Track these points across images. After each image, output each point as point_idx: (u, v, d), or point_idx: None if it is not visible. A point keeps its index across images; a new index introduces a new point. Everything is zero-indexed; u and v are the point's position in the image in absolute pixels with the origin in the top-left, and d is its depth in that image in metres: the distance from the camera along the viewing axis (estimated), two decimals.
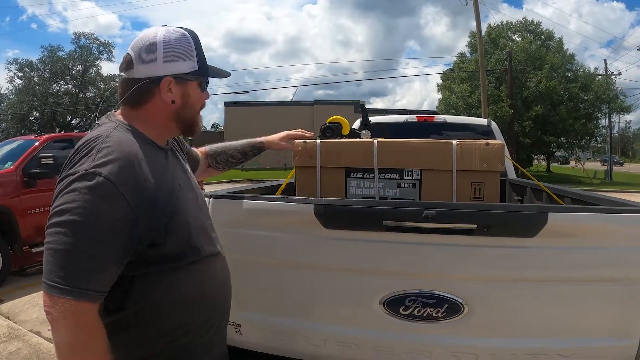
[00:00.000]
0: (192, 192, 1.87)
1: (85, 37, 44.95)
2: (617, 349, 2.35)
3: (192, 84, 1.82)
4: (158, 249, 1.62)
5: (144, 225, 1.55)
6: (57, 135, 10.45)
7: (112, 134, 1.65)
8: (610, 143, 46.10)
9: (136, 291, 1.63)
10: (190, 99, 1.82)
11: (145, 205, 1.56)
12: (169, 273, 1.67)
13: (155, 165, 1.67)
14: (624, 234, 2.30)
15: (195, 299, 1.76)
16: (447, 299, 2.34)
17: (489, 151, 3.16)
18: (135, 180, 1.55)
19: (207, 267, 1.82)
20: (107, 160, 1.53)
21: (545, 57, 35.55)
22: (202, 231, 1.83)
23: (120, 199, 1.49)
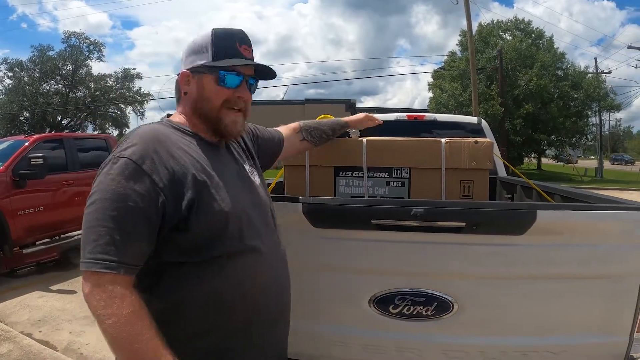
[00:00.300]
0: (244, 188, 1.87)
1: (75, 36, 44.61)
2: (607, 345, 2.36)
3: (206, 77, 1.84)
4: (188, 235, 1.62)
5: (170, 200, 1.59)
6: (47, 135, 10.41)
7: (144, 126, 1.81)
8: (601, 141, 46.27)
9: (165, 285, 1.65)
10: (205, 92, 1.84)
11: (169, 182, 1.59)
12: (201, 266, 1.66)
13: (188, 150, 1.73)
14: (612, 231, 2.31)
15: (232, 297, 1.72)
16: (437, 297, 2.35)
17: (477, 149, 3.16)
18: (159, 159, 1.61)
19: (249, 262, 1.76)
20: (129, 145, 1.63)
21: (535, 55, 35.62)
22: (247, 225, 1.78)
23: (142, 175, 1.56)
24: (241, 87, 1.87)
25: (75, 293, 6.86)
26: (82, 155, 9.38)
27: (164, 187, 1.58)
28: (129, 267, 1.51)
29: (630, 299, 2.30)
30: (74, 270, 7.96)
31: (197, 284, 1.66)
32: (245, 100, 1.90)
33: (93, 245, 1.48)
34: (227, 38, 1.86)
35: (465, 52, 35.01)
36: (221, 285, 1.70)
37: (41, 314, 6.14)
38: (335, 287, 2.47)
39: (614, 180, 34.76)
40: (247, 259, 1.76)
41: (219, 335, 1.72)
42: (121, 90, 46.51)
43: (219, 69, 1.83)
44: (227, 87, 1.84)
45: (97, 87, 45.28)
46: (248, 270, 1.76)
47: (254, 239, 1.79)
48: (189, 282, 1.65)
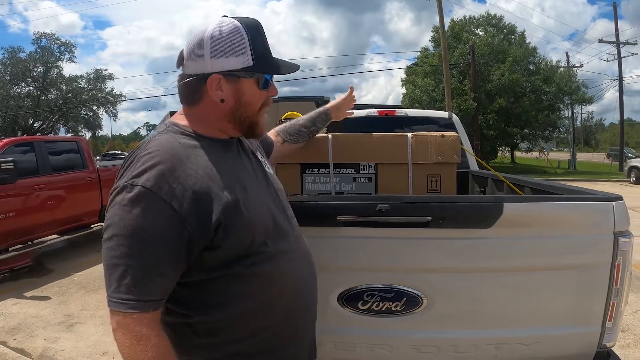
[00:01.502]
0: (261, 185, 1.79)
1: (46, 37, 44.16)
2: (579, 335, 2.38)
3: (246, 81, 1.68)
4: (217, 252, 1.56)
5: (194, 224, 1.49)
6: (17, 139, 10.27)
7: (155, 139, 1.62)
8: (573, 134, 46.82)
9: (201, 300, 1.61)
10: (245, 98, 1.70)
11: (192, 204, 1.49)
12: (235, 278, 1.61)
13: (206, 163, 1.59)
14: (580, 222, 2.33)
15: (270, 301, 1.69)
16: (406, 292, 2.35)
17: (444, 143, 3.17)
18: (176, 181, 1.49)
19: (279, 265, 1.70)
20: (144, 169, 1.49)
21: (507, 50, 35.88)
22: (272, 227, 1.71)
23: (161, 204, 1.46)
24: (272, 85, 1.77)
25: (50, 299, 6.76)
26: (54, 158, 9.26)
27: (187, 213, 1.48)
28: (155, 303, 1.48)
29: (601, 289, 2.31)
30: (48, 276, 7.91)
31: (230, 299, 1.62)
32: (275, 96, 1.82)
33: (116, 284, 1.43)
34: (259, 35, 1.70)
35: (438, 48, 35.10)
36: (254, 295, 1.65)
37: (15, 321, 6.04)
38: None
39: (587, 172, 35.27)
40: (279, 262, 1.70)
41: (262, 338, 1.70)
42: (93, 91, 46.09)
43: (263, 74, 1.70)
44: (265, 89, 1.74)
45: (69, 88, 44.80)
46: (280, 274, 1.71)
47: (282, 240, 1.74)
48: (219, 296, 1.61)
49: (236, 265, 1.60)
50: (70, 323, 5.91)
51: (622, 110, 39.49)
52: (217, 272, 1.59)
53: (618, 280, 2.29)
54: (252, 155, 1.88)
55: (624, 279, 2.31)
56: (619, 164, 36.86)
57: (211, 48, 1.62)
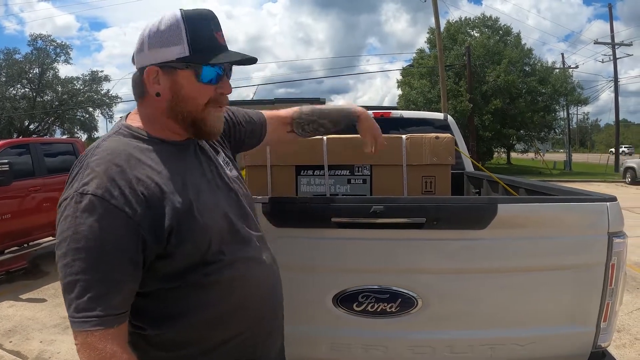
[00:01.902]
0: (219, 189, 1.69)
1: (42, 39, 44.01)
2: (574, 336, 2.38)
3: (183, 73, 1.56)
4: (170, 260, 1.49)
5: (147, 230, 1.42)
6: (13, 140, 10.25)
7: (103, 144, 1.54)
8: (569, 134, 46.93)
9: (156, 310, 1.55)
10: (184, 91, 1.57)
11: (145, 210, 1.42)
12: (192, 288, 1.54)
13: (157, 166, 1.52)
14: (575, 222, 2.33)
15: (231, 311, 1.62)
16: (401, 294, 2.35)
17: (438, 145, 3.18)
18: (127, 186, 1.42)
19: (239, 272, 1.62)
20: (93, 176, 1.42)
21: (503, 52, 35.93)
22: (229, 233, 1.63)
23: (113, 211, 1.38)
24: (223, 82, 1.63)
25: (46, 301, 6.73)
26: (50, 160, 9.20)
27: (141, 219, 1.41)
28: (119, 317, 1.39)
29: (596, 289, 2.32)
30: (44, 279, 7.87)
31: (186, 308, 1.55)
32: (228, 94, 1.67)
33: (77, 303, 1.34)
34: (202, 24, 1.57)
35: (434, 49, 35.17)
36: (213, 304, 1.59)
37: (11, 324, 6.03)
38: (298, 287, 2.45)
39: (582, 173, 35.34)
40: (238, 269, 1.63)
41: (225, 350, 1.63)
42: (89, 93, 45.92)
43: (201, 64, 1.56)
44: (210, 83, 1.59)
45: (65, 90, 44.61)
46: (240, 281, 1.63)
47: (241, 246, 1.66)
48: (177, 307, 1.54)
49: (193, 274, 1.53)
50: (66, 325, 5.87)
51: (618, 111, 39.56)
52: (173, 281, 1.52)
53: (612, 280, 2.30)
54: (213, 158, 1.78)
55: (619, 279, 2.31)
56: (614, 164, 36.93)
57: (149, 40, 1.56)
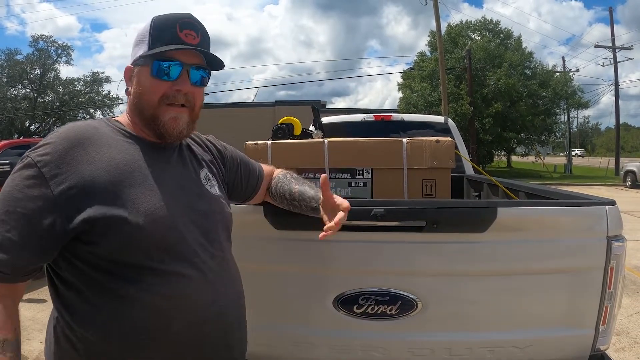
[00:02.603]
0: (182, 201, 1.63)
1: (43, 39, 44.03)
2: (573, 338, 2.38)
3: (141, 69, 1.62)
4: (91, 248, 1.45)
5: (63, 212, 1.41)
6: (14, 141, 10.26)
7: (74, 123, 1.61)
8: (569, 138, 47.03)
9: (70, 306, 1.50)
10: (140, 87, 1.62)
11: (69, 190, 1.42)
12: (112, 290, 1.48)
13: (114, 155, 1.52)
14: (574, 226, 2.34)
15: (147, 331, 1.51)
16: (401, 296, 2.35)
17: (439, 148, 3.19)
18: (67, 162, 1.44)
19: (173, 289, 1.53)
20: (42, 144, 1.49)
21: (504, 55, 35.92)
22: (176, 246, 1.56)
23: (39, 179, 1.41)
24: (181, 79, 1.62)
25: (46, 302, 6.67)
26: None
27: (61, 196, 1.41)
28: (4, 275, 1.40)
29: (595, 292, 2.32)
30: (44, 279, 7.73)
31: (110, 310, 1.48)
32: (187, 93, 1.63)
33: None
34: (166, 24, 1.61)
35: (435, 52, 35.13)
36: (140, 317, 1.50)
37: None
38: (299, 289, 2.47)
39: (582, 176, 35.36)
40: (174, 286, 1.54)
41: None
42: (90, 94, 45.91)
43: (153, 59, 1.59)
44: (162, 79, 1.60)
45: (66, 91, 44.59)
46: (174, 300, 1.54)
47: (183, 262, 1.57)
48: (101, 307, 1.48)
49: (122, 274, 1.48)
50: None
51: (618, 114, 39.62)
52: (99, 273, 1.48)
53: (611, 284, 2.31)
54: (193, 169, 1.78)
55: (617, 282, 2.32)
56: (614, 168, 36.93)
57: (134, 41, 1.67)
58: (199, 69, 1.67)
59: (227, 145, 2.11)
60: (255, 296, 2.40)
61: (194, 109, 1.69)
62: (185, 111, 1.66)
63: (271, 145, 3.35)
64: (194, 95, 1.67)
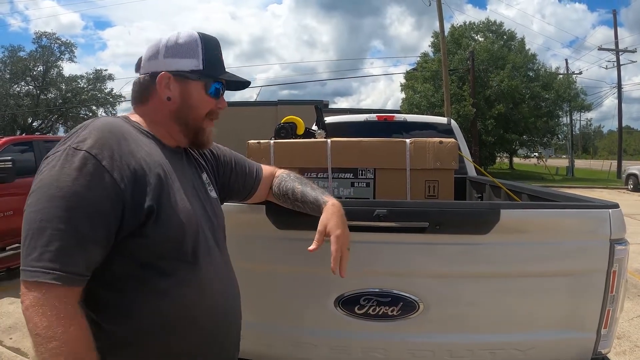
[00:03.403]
0: (198, 199, 1.74)
1: (46, 36, 44.02)
2: (575, 341, 2.38)
3: (194, 84, 1.72)
4: (144, 241, 1.48)
5: (130, 200, 1.44)
6: (16, 137, 10.25)
7: (101, 118, 1.62)
8: (572, 140, 47.01)
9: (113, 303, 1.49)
10: (192, 100, 1.73)
11: (131, 180, 1.45)
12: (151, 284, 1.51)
13: (148, 150, 1.58)
14: (577, 229, 2.34)
15: (182, 322, 1.57)
16: (402, 297, 2.35)
17: (442, 149, 3.19)
18: (119, 153, 1.46)
19: (200, 283, 1.62)
20: (90, 136, 1.46)
21: (507, 56, 35.88)
22: (201, 240, 1.65)
23: (102, 172, 1.40)
24: (222, 98, 1.82)
25: None
26: None
27: (125, 188, 1.43)
28: (82, 279, 1.37)
29: (597, 295, 2.32)
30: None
31: (144, 302, 1.51)
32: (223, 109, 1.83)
33: (41, 251, 1.30)
34: (214, 47, 1.77)
35: (438, 53, 35.15)
36: (172, 308, 1.55)
37: (12, 320, 6.03)
38: (300, 289, 2.46)
39: (585, 179, 35.36)
40: (199, 279, 1.63)
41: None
42: (93, 91, 45.96)
43: (212, 80, 1.75)
44: (214, 97, 1.77)
45: (69, 88, 44.61)
46: (201, 292, 1.63)
47: (206, 258, 1.66)
48: (138, 297, 1.50)
49: (158, 266, 1.52)
50: None
51: (621, 117, 39.65)
52: (141, 269, 1.50)
53: (614, 287, 2.30)
54: (199, 173, 1.89)
55: (620, 286, 2.32)
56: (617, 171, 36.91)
57: (166, 49, 1.71)
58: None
59: (221, 146, 2.18)
60: (256, 296, 2.41)
61: None
62: (213, 124, 1.85)
63: (274, 145, 3.35)
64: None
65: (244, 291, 1.93)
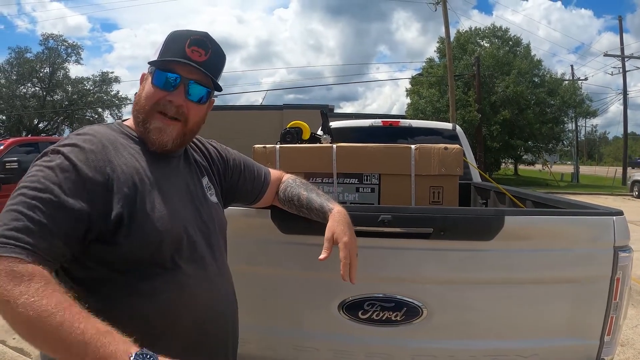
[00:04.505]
0: (187, 205, 1.71)
1: (53, 38, 44.19)
2: (578, 349, 2.37)
3: (146, 76, 1.70)
4: (115, 248, 1.46)
5: (95, 207, 1.42)
6: (22, 139, 10.33)
7: (91, 127, 1.63)
8: (577, 147, 46.84)
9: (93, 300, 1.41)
10: (143, 92, 1.68)
11: (101, 188, 1.45)
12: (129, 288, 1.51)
13: (129, 159, 1.57)
14: (581, 236, 2.33)
15: (163, 329, 1.55)
16: (406, 303, 2.34)
17: (447, 155, 3.19)
18: (95, 161, 1.47)
19: (185, 290, 1.59)
20: (72, 142, 1.50)
21: (512, 62, 35.80)
22: (186, 246, 1.62)
23: (76, 172, 1.42)
24: (176, 91, 1.65)
25: None
26: None
27: (95, 192, 1.44)
28: (43, 258, 1.31)
29: (600, 302, 2.31)
30: None
31: (123, 307, 1.49)
32: (179, 105, 1.65)
33: (3, 228, 1.30)
34: (179, 38, 1.67)
35: (443, 58, 35.10)
36: (152, 314, 1.53)
37: None
38: (304, 293, 2.47)
39: (590, 185, 35.26)
40: (184, 285, 1.60)
41: None
42: (99, 93, 46.11)
43: (155, 67, 1.67)
44: (160, 87, 1.64)
45: (75, 90, 44.79)
46: (183, 298, 1.59)
47: (193, 264, 1.64)
48: (115, 304, 1.48)
49: (134, 272, 1.51)
50: None
51: (627, 124, 39.52)
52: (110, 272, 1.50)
53: (617, 294, 2.30)
54: (197, 177, 1.85)
55: (623, 293, 2.31)
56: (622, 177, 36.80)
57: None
58: (200, 86, 1.70)
59: (230, 150, 2.16)
60: (260, 299, 2.41)
61: (187, 124, 1.71)
62: (176, 124, 1.68)
63: (279, 149, 3.36)
64: (187, 109, 1.68)
65: (248, 295, 1.94)
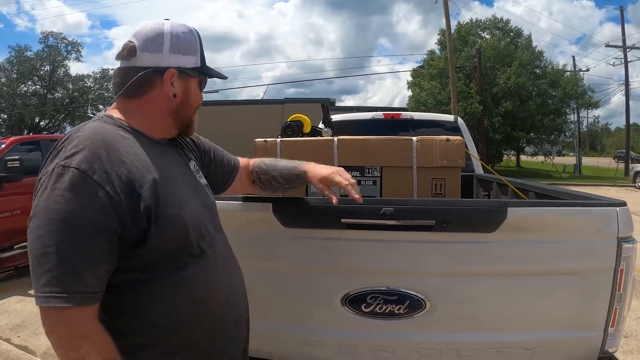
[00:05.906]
0: (192, 189, 1.75)
1: (53, 36, 44.19)
2: (582, 340, 2.37)
3: (193, 81, 1.75)
4: (145, 247, 1.48)
5: (127, 210, 1.42)
6: (23, 137, 10.30)
7: (87, 125, 1.57)
8: (579, 138, 46.76)
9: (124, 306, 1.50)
10: (191, 96, 1.76)
11: (125, 193, 1.43)
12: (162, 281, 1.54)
13: (138, 154, 1.55)
14: (584, 227, 2.33)
15: (195, 313, 1.61)
16: (409, 295, 2.34)
17: (449, 147, 3.18)
18: (110, 165, 1.44)
19: (209, 273, 1.65)
20: (77, 151, 1.43)
21: (514, 54, 35.71)
22: (205, 231, 1.69)
23: (94, 187, 1.39)
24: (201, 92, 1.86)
25: None
26: None
27: (121, 199, 1.42)
28: (94, 296, 1.37)
29: (604, 294, 2.31)
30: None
31: (159, 301, 1.53)
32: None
33: (48, 276, 1.31)
34: (201, 39, 1.78)
35: (445, 51, 35.05)
36: (184, 301, 1.58)
37: (20, 318, 6.04)
38: (307, 287, 2.47)
39: (592, 177, 35.21)
40: (208, 269, 1.66)
41: (185, 355, 1.60)
42: (100, 91, 46.07)
43: (206, 77, 1.83)
44: (202, 91, 1.84)
45: (75, 88, 44.86)
46: (208, 281, 1.65)
47: (210, 247, 1.70)
48: (150, 299, 1.52)
49: (165, 265, 1.54)
50: None
51: (629, 114, 39.55)
52: (145, 271, 1.52)
53: (621, 285, 2.29)
54: (187, 162, 1.88)
55: (627, 284, 2.31)
56: (624, 168, 36.75)
57: (171, 43, 1.67)
58: None
59: (200, 137, 2.18)
60: (263, 294, 2.40)
61: None
62: None
63: (280, 143, 3.35)
64: None
65: (251, 289, 1.93)
